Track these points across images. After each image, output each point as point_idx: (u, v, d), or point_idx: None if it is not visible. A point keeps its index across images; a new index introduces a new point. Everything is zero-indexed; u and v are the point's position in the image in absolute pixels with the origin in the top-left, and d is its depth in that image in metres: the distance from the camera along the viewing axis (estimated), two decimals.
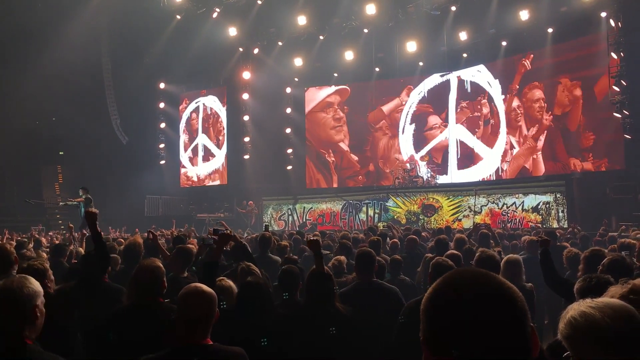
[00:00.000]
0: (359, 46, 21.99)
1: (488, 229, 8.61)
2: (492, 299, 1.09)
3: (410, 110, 23.11)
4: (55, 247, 7.25)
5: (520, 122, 19.85)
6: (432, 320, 1.12)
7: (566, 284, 4.35)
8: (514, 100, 20.04)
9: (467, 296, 1.09)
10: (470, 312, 1.07)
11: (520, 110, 19.78)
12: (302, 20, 20.78)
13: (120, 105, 24.31)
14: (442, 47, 21.23)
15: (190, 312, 2.59)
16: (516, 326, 1.09)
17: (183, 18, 21.27)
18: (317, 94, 24.61)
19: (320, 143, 24.58)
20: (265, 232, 6.95)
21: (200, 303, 2.60)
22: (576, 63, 18.43)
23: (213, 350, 2.62)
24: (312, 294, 3.87)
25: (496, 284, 1.12)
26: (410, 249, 7.54)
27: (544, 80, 19.30)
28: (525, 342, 1.10)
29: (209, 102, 26.53)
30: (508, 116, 20.25)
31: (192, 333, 2.59)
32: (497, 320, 1.07)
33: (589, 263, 4.50)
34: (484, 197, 17.63)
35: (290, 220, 21.32)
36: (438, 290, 1.15)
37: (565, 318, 1.76)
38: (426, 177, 20.47)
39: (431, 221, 17.95)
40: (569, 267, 5.93)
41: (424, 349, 1.13)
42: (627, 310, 1.72)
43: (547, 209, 16.39)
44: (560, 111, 18.83)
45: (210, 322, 2.63)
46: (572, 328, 1.72)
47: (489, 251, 4.65)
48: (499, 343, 1.06)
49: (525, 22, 18.70)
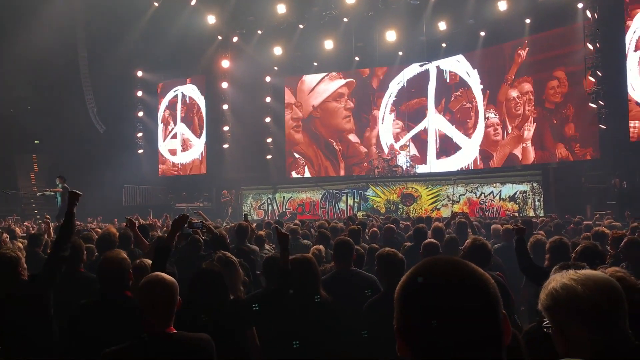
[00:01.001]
0: (339, 35, 21.93)
1: (465, 218, 8.70)
2: (465, 286, 1.10)
3: (389, 100, 23.18)
4: (31, 236, 7.13)
5: (519, 110, 19.80)
6: (404, 308, 1.13)
7: (540, 271, 4.43)
8: (512, 90, 19.96)
9: (439, 283, 1.10)
10: (442, 299, 1.08)
11: (519, 100, 19.74)
12: (282, 9, 20.62)
13: (96, 93, 23.93)
14: (422, 37, 21.30)
15: (150, 300, 2.57)
16: (488, 313, 1.10)
17: (161, 5, 20.98)
18: (330, 84, 24.29)
19: (329, 132, 24.40)
20: (242, 222, 6.91)
21: (160, 291, 2.58)
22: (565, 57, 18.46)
23: (177, 338, 2.61)
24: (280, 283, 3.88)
25: (468, 271, 1.13)
26: (388, 237, 7.59)
27: (534, 73, 19.34)
28: (497, 329, 1.11)
29: (187, 91, 26.28)
30: (504, 105, 20.19)
31: (154, 322, 2.57)
32: (468, 307, 1.08)
33: (554, 251, 4.59)
34: (462, 186, 17.78)
35: (269, 210, 21.28)
36: (411, 278, 1.15)
37: (547, 289, 1.76)
38: (405, 166, 20.58)
39: (410, 210, 18.06)
40: (532, 253, 6.00)
41: (398, 337, 1.14)
42: (609, 283, 1.72)
43: (524, 198, 16.59)
44: (549, 102, 18.87)
45: (172, 311, 2.61)
46: (553, 299, 1.72)
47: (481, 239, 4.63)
48: (471, 330, 1.07)
49: (503, 13, 18.82)
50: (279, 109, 25.34)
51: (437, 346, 1.07)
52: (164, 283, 2.62)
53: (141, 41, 22.38)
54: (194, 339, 2.69)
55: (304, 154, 24.89)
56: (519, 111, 19.65)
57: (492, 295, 1.12)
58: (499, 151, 20.28)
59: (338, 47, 22.36)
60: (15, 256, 3.71)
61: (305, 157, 24.91)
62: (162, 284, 2.61)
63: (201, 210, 15.17)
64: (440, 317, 1.07)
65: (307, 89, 24.76)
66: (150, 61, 24.98)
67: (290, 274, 3.82)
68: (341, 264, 4.61)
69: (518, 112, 19.69)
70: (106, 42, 22.22)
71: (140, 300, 2.61)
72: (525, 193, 16.60)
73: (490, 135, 20.45)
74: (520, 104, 19.60)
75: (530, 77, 19.44)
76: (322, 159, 24.55)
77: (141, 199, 23.96)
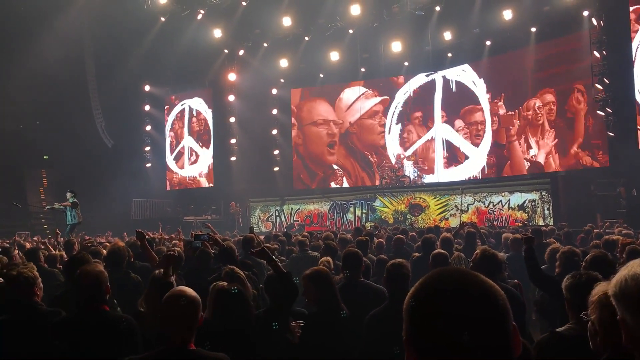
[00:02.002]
0: (344, 47, 22.02)
1: (474, 228, 8.66)
2: (473, 296, 1.09)
3: (396, 110, 23.21)
4: (28, 251, 7.15)
5: (541, 121, 19.62)
6: (413, 319, 1.12)
7: (551, 280, 4.40)
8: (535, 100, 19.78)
9: (448, 293, 1.09)
10: (451, 309, 1.07)
11: (540, 111, 19.64)
12: (287, 21, 20.75)
13: (104, 108, 24.12)
14: (427, 47, 21.34)
15: (172, 314, 2.57)
16: (497, 324, 1.09)
17: (167, 20, 21.14)
18: (365, 102, 24.31)
19: (365, 146, 24.40)
20: (248, 234, 6.89)
21: (182, 307, 2.57)
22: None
23: (197, 355, 2.60)
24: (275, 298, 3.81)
25: (478, 282, 1.12)
26: (397, 248, 7.56)
27: (556, 86, 19.20)
28: (507, 340, 1.10)
29: (194, 104, 26.43)
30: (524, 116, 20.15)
31: (175, 336, 2.57)
32: (477, 317, 1.07)
33: (565, 260, 4.58)
34: (470, 195, 17.72)
35: (277, 222, 21.28)
36: (420, 289, 1.14)
37: (616, 278, 1.66)
38: (413, 176, 20.54)
39: (418, 220, 18.00)
40: (548, 262, 5.98)
41: (407, 348, 1.13)
42: None
43: (533, 206, 16.50)
44: (570, 112, 18.73)
45: (193, 327, 2.61)
46: (621, 289, 1.62)
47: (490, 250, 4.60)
48: (480, 341, 1.06)
49: (508, 22, 18.83)
50: (286, 121, 25.41)
51: (446, 357, 1.06)
52: (187, 298, 2.61)
53: (148, 56, 22.52)
54: (213, 357, 2.67)
55: (342, 166, 24.88)
56: (540, 121, 19.51)
57: (502, 306, 1.11)
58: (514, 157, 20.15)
59: (344, 59, 22.44)
60: (32, 276, 3.61)
61: (343, 169, 24.88)
62: (185, 300, 2.60)
63: (209, 222, 15.18)
64: (449, 328, 1.06)
65: (344, 106, 24.76)
66: (157, 75, 25.16)
67: (289, 276, 3.76)
68: (350, 275, 4.58)
69: (539, 122, 19.54)
70: (113, 56, 22.41)
71: (162, 313, 2.61)
72: (534, 202, 16.51)
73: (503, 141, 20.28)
74: (541, 115, 19.46)
75: (552, 88, 19.28)
76: (358, 170, 24.56)
77: (150, 213, 24.03)
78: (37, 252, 6.76)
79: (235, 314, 3.32)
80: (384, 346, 3.39)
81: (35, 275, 3.66)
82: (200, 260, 5.78)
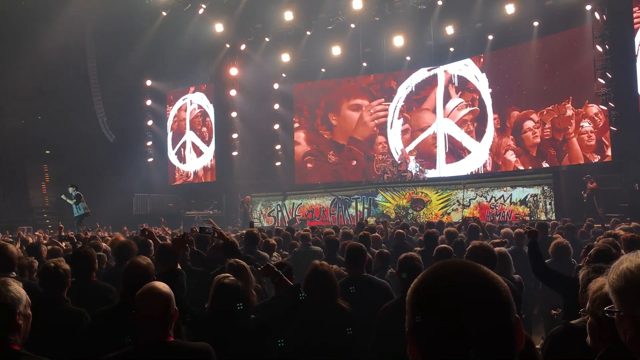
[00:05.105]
0: (346, 41, 21.99)
1: (477, 222, 8.64)
2: (476, 288, 1.09)
3: (398, 105, 23.16)
4: (30, 246, 7.17)
5: (540, 118, 19.32)
6: (416, 310, 1.12)
7: (554, 274, 4.39)
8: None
9: (450, 284, 1.09)
10: (453, 299, 1.07)
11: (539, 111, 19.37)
12: (289, 16, 20.72)
13: (106, 103, 24.11)
14: (429, 41, 21.31)
15: (146, 310, 2.57)
16: (500, 315, 1.08)
17: (169, 14, 21.09)
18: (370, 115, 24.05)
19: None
20: (251, 229, 6.87)
21: (155, 302, 2.57)
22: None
23: (174, 345, 2.60)
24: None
25: (481, 274, 1.12)
26: (399, 242, 7.56)
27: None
28: (509, 331, 1.09)
29: (196, 99, 26.41)
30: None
31: (151, 331, 2.57)
32: (480, 308, 1.06)
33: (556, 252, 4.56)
34: (472, 190, 17.69)
35: (279, 217, 21.27)
36: (423, 281, 1.14)
37: (618, 269, 1.62)
38: (415, 171, 20.51)
39: (420, 215, 17.99)
40: (552, 256, 5.97)
41: (409, 339, 1.13)
42: None
43: (535, 201, 16.47)
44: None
45: (168, 321, 2.60)
46: (626, 280, 1.58)
47: (481, 242, 4.61)
48: (483, 331, 1.05)
49: (511, 16, 18.78)
50: (288, 116, 25.39)
51: (448, 347, 1.06)
52: (158, 293, 2.60)
53: (150, 50, 22.52)
54: (193, 347, 2.69)
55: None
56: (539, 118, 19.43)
57: (504, 297, 1.10)
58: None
59: (345, 53, 22.41)
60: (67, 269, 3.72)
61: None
62: (157, 294, 2.60)
63: (211, 218, 15.20)
64: (451, 318, 1.05)
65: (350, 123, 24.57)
66: (159, 70, 25.15)
67: (296, 290, 3.56)
68: (353, 270, 4.52)
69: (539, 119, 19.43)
70: (115, 51, 22.41)
71: (137, 309, 2.60)
72: (536, 197, 16.48)
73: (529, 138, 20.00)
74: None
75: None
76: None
77: (151, 208, 24.07)
78: (38, 247, 6.80)
79: (234, 306, 3.30)
80: (396, 339, 3.38)
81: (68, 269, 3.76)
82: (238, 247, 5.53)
